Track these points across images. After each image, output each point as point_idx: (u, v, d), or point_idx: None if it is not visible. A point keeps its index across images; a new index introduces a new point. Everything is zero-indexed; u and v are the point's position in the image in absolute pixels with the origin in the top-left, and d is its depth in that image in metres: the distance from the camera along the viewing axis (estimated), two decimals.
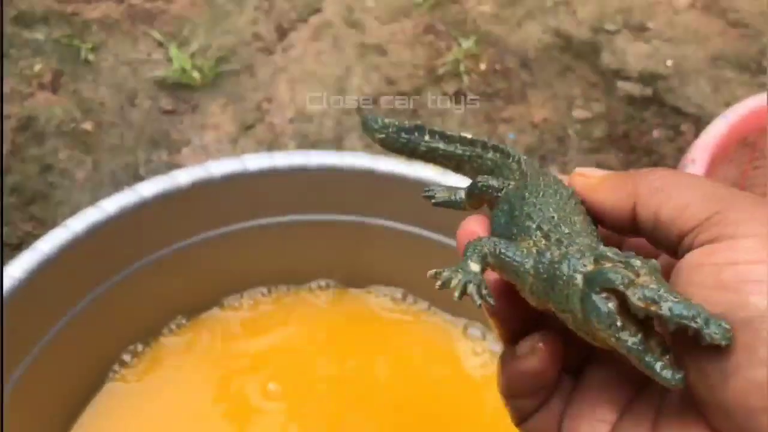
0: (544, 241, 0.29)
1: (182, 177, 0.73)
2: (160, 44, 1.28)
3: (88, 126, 1.15)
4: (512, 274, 0.29)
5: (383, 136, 0.37)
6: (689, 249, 0.26)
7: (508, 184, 0.33)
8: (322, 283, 0.85)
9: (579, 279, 0.26)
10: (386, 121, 0.37)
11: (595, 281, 0.25)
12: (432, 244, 0.79)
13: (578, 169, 0.32)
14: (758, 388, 0.23)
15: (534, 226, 0.30)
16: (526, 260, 0.29)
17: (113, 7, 1.33)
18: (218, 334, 0.81)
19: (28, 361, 0.68)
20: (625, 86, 1.30)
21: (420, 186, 0.75)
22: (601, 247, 0.27)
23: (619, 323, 0.25)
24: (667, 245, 0.27)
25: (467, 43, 1.32)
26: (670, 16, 1.44)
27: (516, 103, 1.26)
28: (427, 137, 0.37)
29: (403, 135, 0.37)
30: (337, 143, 1.17)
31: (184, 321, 0.81)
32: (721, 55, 1.37)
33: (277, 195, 0.78)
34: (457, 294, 0.29)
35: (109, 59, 1.25)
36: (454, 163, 0.37)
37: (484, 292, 0.29)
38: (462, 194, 0.35)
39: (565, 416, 0.29)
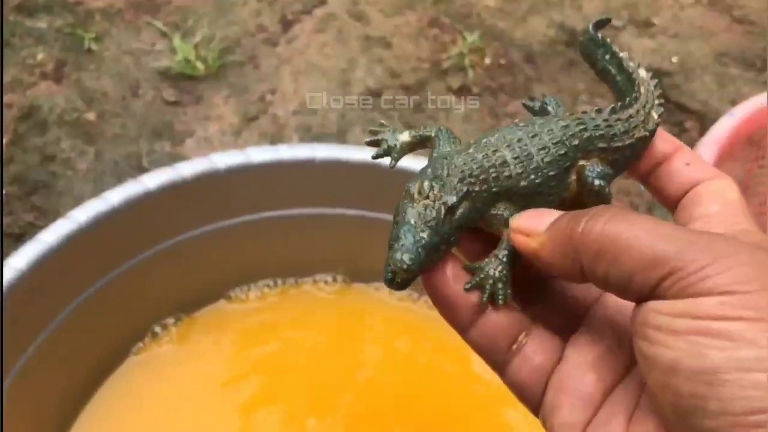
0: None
1: (187, 169, 0.72)
2: (164, 34, 1.27)
3: (90, 116, 1.15)
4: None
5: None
6: (648, 299, 0.26)
7: None
8: (328, 277, 0.85)
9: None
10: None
11: None
12: None
13: (514, 223, 0.30)
14: None
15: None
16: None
17: None
18: (225, 326, 0.81)
19: (30, 353, 0.67)
20: None
21: None
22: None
23: None
24: (624, 299, 0.27)
25: (472, 37, 1.31)
26: (676, 11, 1.44)
27: (520, 97, 1.25)
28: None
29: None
30: (341, 136, 1.16)
31: (188, 314, 0.81)
32: (726, 51, 1.37)
33: (282, 188, 0.77)
34: (375, 153, 0.35)
35: (112, 49, 1.25)
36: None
37: (394, 155, 0.34)
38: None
39: (550, 385, 0.30)
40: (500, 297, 0.30)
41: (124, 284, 0.73)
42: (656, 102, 0.35)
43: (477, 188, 0.30)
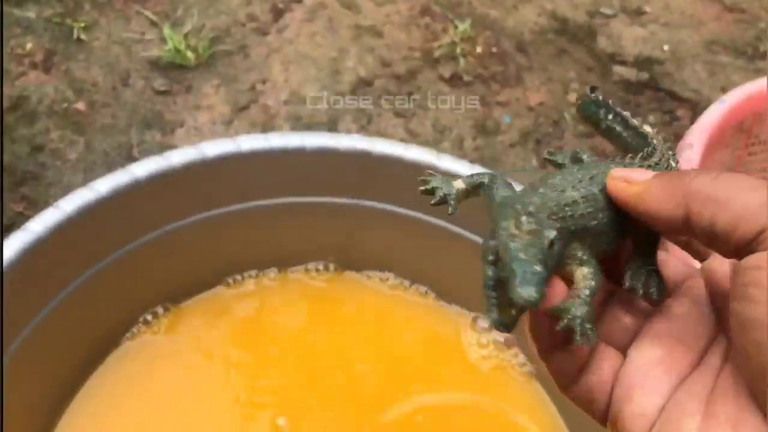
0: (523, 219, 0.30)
1: (176, 157, 0.72)
2: (154, 24, 1.26)
3: (80, 106, 1.14)
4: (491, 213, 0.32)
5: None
6: (750, 253, 0.26)
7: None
8: (320, 266, 0.85)
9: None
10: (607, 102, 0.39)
11: None
12: (431, 227, 0.79)
13: (616, 172, 0.31)
14: None
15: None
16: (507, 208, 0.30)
17: None
18: (216, 314, 0.81)
19: (18, 344, 0.67)
20: (620, 70, 1.30)
21: (417, 168, 0.75)
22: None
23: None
24: (725, 252, 0.28)
25: (463, 26, 1.31)
26: (667, 0, 1.44)
27: (512, 86, 1.25)
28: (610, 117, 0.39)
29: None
30: (332, 125, 1.16)
31: (179, 303, 0.81)
32: (717, 39, 1.37)
33: (272, 177, 0.77)
34: (433, 201, 0.33)
35: (101, 38, 1.24)
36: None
37: (452, 203, 0.33)
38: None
39: (617, 385, 0.30)
40: (591, 335, 0.30)
41: (113, 274, 0.73)
42: (671, 153, 0.35)
43: (560, 225, 0.30)
